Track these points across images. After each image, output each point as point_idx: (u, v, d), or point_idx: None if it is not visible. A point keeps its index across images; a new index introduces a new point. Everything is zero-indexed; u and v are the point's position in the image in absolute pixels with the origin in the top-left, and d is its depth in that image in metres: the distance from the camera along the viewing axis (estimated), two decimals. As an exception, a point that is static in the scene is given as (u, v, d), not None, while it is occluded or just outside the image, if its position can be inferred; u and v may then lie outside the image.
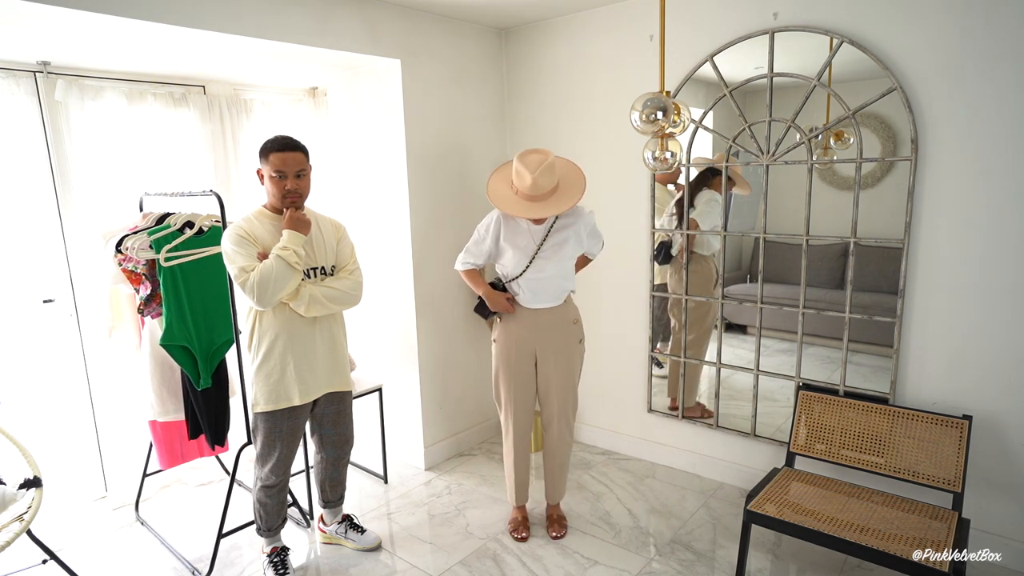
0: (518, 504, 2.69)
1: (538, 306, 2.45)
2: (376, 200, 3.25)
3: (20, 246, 2.70)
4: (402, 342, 3.28)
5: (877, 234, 2.44)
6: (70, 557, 2.52)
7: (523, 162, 2.26)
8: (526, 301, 2.45)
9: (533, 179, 2.23)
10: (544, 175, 2.23)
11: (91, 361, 2.87)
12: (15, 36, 2.28)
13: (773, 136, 2.62)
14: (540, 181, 2.23)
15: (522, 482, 2.65)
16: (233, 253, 2.12)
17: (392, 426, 3.40)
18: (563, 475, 2.67)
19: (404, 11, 2.96)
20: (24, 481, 2.07)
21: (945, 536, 1.99)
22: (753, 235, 2.81)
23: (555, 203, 2.30)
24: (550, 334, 2.48)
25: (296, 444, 2.35)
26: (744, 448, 2.96)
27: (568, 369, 2.52)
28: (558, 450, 2.61)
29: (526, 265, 2.39)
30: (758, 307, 2.78)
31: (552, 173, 2.27)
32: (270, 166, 2.17)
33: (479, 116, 3.40)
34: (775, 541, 2.54)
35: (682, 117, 1.87)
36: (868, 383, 2.55)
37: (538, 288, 2.42)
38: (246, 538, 2.70)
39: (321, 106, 3.64)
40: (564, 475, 2.68)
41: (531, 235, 2.41)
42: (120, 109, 2.87)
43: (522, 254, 2.39)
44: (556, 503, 2.71)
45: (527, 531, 2.64)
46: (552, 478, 2.67)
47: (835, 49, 2.43)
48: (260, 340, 2.23)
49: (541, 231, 2.41)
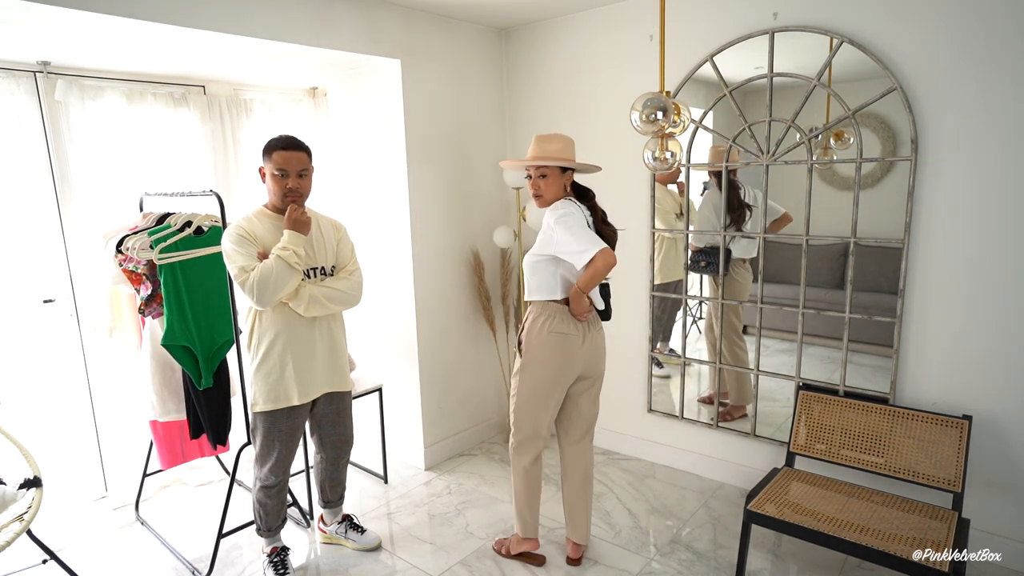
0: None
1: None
2: (376, 200, 3.25)
3: (20, 246, 2.70)
4: (402, 342, 3.28)
5: (877, 234, 2.44)
6: (70, 557, 2.52)
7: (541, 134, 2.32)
8: None
9: (536, 140, 2.28)
10: (547, 140, 2.25)
11: (91, 361, 2.87)
12: (15, 36, 2.28)
13: (773, 136, 2.62)
14: (541, 143, 2.26)
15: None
16: (233, 252, 2.12)
17: (392, 426, 3.40)
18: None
19: (404, 11, 2.96)
20: (24, 481, 2.07)
21: (945, 536, 1.99)
22: (753, 235, 2.81)
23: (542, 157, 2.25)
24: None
25: (295, 444, 2.35)
26: (744, 448, 2.96)
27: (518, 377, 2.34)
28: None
29: None
30: (758, 307, 2.78)
31: (554, 141, 2.25)
32: (273, 164, 2.17)
33: (479, 116, 3.40)
34: (775, 541, 2.54)
35: (682, 117, 1.87)
36: (868, 383, 2.55)
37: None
38: (246, 538, 2.70)
39: (321, 106, 3.64)
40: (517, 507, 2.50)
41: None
42: (120, 109, 2.87)
43: None
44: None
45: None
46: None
47: (835, 49, 2.43)
48: (260, 340, 2.23)
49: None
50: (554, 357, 2.25)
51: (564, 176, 2.27)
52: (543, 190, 2.25)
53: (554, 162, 2.21)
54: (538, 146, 2.25)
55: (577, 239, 2.14)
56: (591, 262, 2.10)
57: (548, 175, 2.24)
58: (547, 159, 2.21)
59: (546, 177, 2.24)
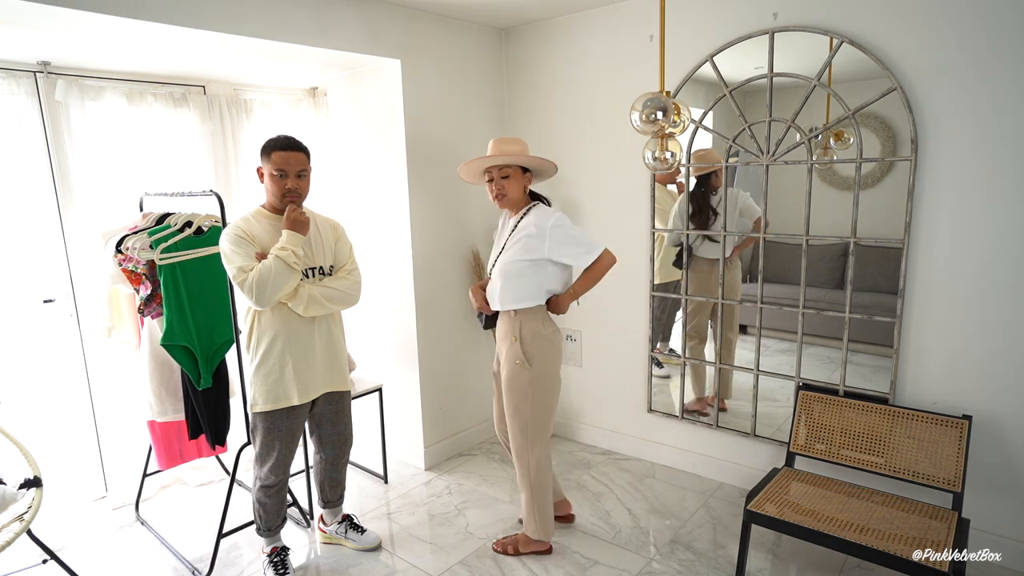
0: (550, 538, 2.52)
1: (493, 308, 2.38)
2: (376, 200, 3.25)
3: (20, 246, 2.70)
4: (402, 342, 3.28)
5: (877, 234, 2.44)
6: (70, 557, 2.52)
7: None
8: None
9: (494, 142, 2.36)
10: (505, 142, 2.34)
11: (91, 361, 2.87)
12: (15, 36, 2.28)
13: (773, 136, 2.62)
14: (500, 145, 2.34)
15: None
16: (231, 253, 2.12)
17: (392, 426, 3.40)
18: (527, 508, 2.45)
19: (404, 11, 2.96)
20: (24, 481, 2.07)
21: (945, 536, 1.99)
22: (753, 235, 2.81)
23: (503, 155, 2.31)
24: (500, 347, 2.41)
25: (295, 444, 2.35)
26: (744, 448, 2.96)
27: (509, 390, 2.36)
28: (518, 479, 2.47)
29: (493, 262, 2.41)
30: (758, 307, 2.78)
31: (514, 143, 2.34)
32: (271, 164, 2.17)
33: (479, 116, 3.40)
34: (775, 541, 2.54)
35: (682, 117, 1.87)
36: (868, 383, 2.55)
37: (492, 287, 2.37)
38: (246, 538, 2.70)
39: (321, 106, 3.64)
40: (528, 509, 2.45)
41: (507, 231, 2.38)
42: (120, 109, 2.87)
43: (495, 251, 2.43)
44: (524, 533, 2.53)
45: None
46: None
47: (835, 49, 2.43)
48: (259, 340, 2.23)
49: (510, 227, 2.36)
50: (556, 353, 2.39)
51: (524, 177, 2.36)
52: (507, 189, 2.33)
53: (515, 160, 2.30)
54: (497, 147, 2.34)
55: (580, 241, 2.28)
56: (597, 261, 2.26)
57: (511, 175, 2.32)
58: (508, 156, 2.29)
59: (508, 178, 2.32)
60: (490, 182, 2.35)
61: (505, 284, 2.31)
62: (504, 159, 2.29)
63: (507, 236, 2.35)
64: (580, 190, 3.30)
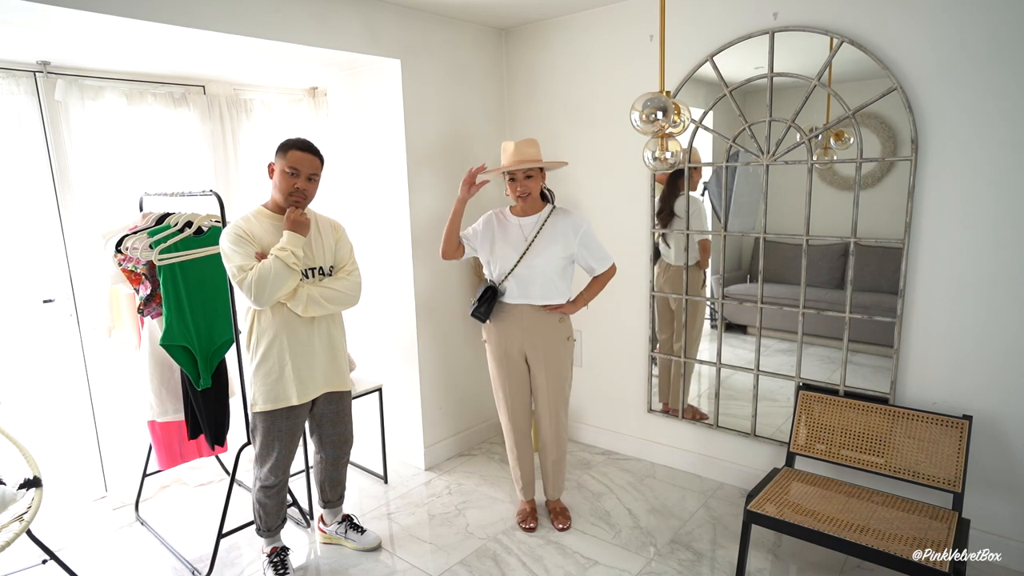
0: (527, 499, 2.78)
1: (525, 302, 2.54)
2: (376, 200, 3.25)
3: (20, 246, 2.70)
4: (402, 342, 3.28)
5: (877, 234, 2.44)
6: (70, 557, 2.52)
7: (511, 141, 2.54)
8: (514, 297, 2.55)
9: (516, 145, 2.49)
10: (526, 144, 2.49)
11: (91, 361, 2.87)
12: (15, 36, 2.28)
13: (773, 136, 2.62)
14: (521, 148, 2.49)
15: (528, 479, 2.76)
16: (231, 252, 2.12)
17: (392, 426, 3.40)
18: (560, 471, 2.74)
19: (404, 11, 2.96)
20: (24, 481, 2.07)
21: (945, 536, 1.99)
22: (753, 235, 2.81)
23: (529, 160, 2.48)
24: (536, 332, 2.57)
25: (295, 444, 2.35)
26: (744, 448, 2.96)
27: (556, 366, 2.59)
28: (552, 446, 2.69)
29: (517, 260, 2.50)
30: (758, 307, 2.78)
31: (532, 145, 2.50)
32: (286, 161, 2.18)
33: (479, 116, 3.40)
34: (775, 541, 2.54)
35: (682, 117, 1.86)
36: (868, 383, 2.55)
37: (527, 283, 2.52)
38: (246, 538, 2.70)
39: (321, 106, 3.64)
40: (561, 471, 2.74)
41: (522, 231, 2.55)
42: (120, 109, 2.87)
43: (513, 250, 2.53)
44: (556, 499, 2.78)
45: (535, 521, 2.72)
46: (548, 475, 2.75)
47: (835, 49, 2.43)
48: (258, 340, 2.23)
49: (532, 228, 2.53)
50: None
51: (542, 176, 2.56)
52: (532, 188, 2.51)
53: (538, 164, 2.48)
54: (520, 151, 2.48)
55: (602, 246, 2.58)
56: (607, 271, 2.59)
57: (534, 176, 2.51)
58: (536, 162, 2.48)
59: (532, 178, 2.50)
60: (512, 181, 2.51)
61: (557, 282, 2.54)
62: (532, 164, 2.46)
63: (532, 236, 2.51)
64: (580, 190, 3.30)
